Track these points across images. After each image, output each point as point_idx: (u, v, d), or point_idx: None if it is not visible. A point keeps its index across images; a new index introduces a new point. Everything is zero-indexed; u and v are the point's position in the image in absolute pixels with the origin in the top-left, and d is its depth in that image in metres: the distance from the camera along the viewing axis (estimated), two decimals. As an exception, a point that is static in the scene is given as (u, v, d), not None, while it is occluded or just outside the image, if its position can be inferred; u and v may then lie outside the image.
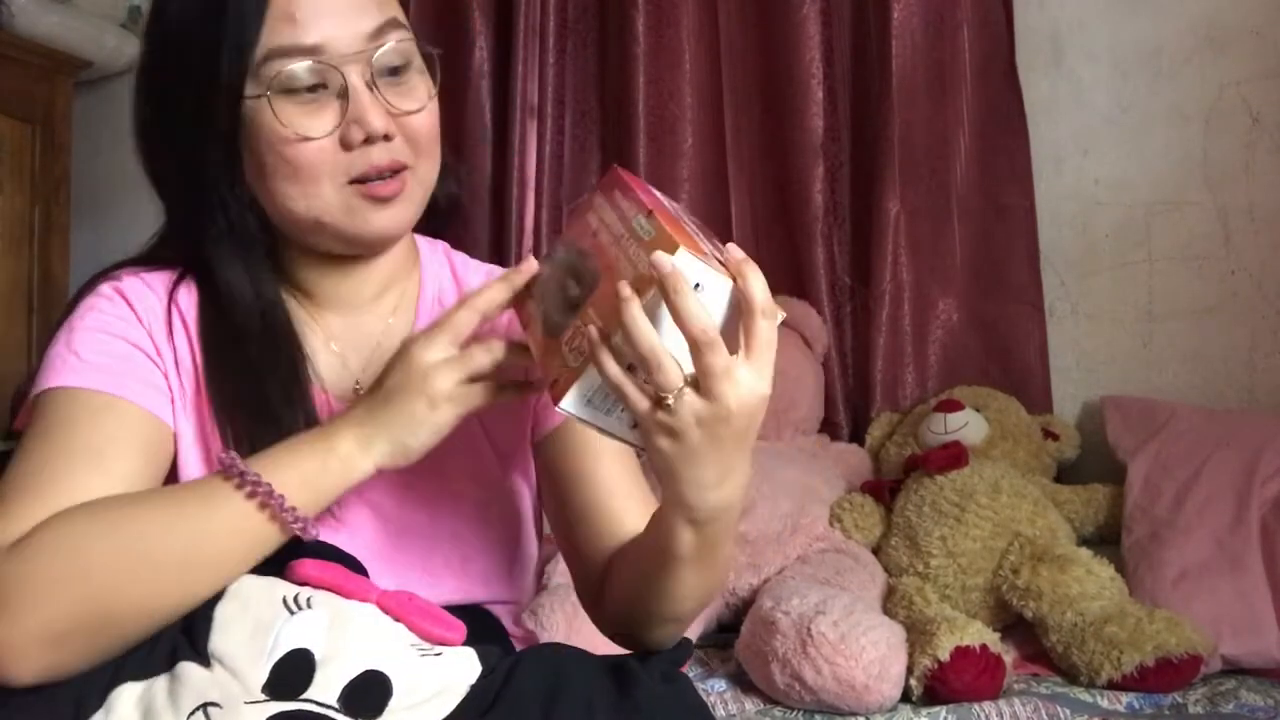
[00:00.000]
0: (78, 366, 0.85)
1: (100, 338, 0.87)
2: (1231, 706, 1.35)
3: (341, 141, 0.86)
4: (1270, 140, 1.95)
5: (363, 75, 0.85)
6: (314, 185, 0.86)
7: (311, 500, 0.78)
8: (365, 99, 0.85)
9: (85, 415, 0.83)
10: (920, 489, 1.76)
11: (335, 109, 0.85)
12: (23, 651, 0.70)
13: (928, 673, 1.36)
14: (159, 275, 0.93)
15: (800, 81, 2.16)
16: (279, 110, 0.84)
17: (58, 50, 2.41)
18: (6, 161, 2.33)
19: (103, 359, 0.86)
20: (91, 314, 0.89)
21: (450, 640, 0.77)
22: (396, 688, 0.72)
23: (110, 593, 0.73)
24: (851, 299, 2.19)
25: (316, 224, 0.88)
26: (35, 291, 2.38)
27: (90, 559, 0.73)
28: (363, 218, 0.88)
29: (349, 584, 0.78)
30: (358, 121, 0.85)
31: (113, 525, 0.75)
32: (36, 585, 0.71)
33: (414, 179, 0.89)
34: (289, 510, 0.76)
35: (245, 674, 0.72)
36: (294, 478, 0.77)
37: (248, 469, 0.76)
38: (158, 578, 0.74)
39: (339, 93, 0.85)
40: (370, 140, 0.86)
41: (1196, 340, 2.00)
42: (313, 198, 0.87)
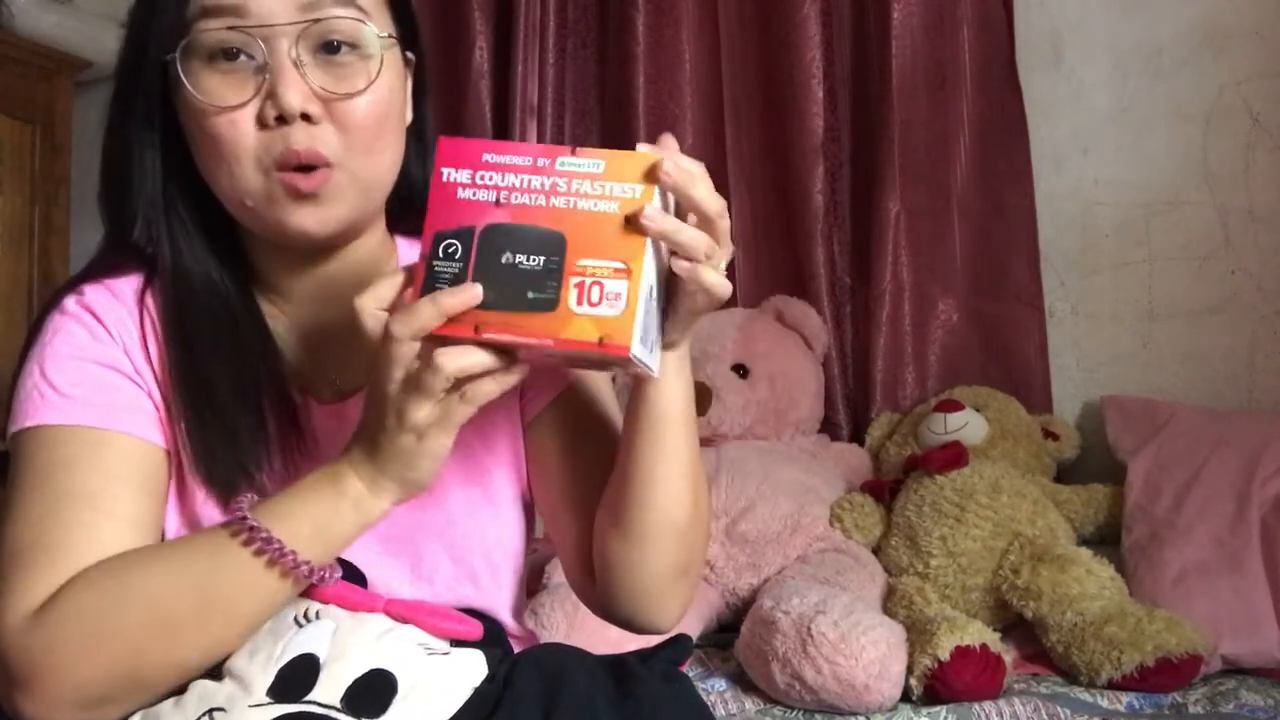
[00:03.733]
0: (58, 402, 0.81)
1: (76, 365, 0.83)
2: (1231, 706, 1.35)
3: (257, 118, 0.80)
4: (1270, 140, 1.95)
5: (289, 49, 0.79)
6: (236, 164, 0.80)
7: (326, 549, 0.76)
8: (285, 74, 0.79)
9: (79, 456, 0.79)
10: (920, 489, 1.76)
11: (255, 81, 0.80)
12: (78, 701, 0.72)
13: (928, 672, 1.36)
14: (125, 281, 0.88)
15: (800, 81, 2.16)
16: (197, 76, 0.80)
17: (58, 50, 2.41)
18: (6, 161, 2.33)
19: (83, 390, 0.82)
20: (61, 337, 0.84)
21: (466, 634, 0.77)
22: (401, 685, 0.72)
23: (136, 656, 0.72)
24: (851, 299, 2.19)
25: (242, 207, 0.83)
26: (35, 291, 2.38)
27: (112, 624, 0.72)
28: (283, 209, 0.81)
29: (355, 595, 0.78)
30: (272, 96, 0.79)
31: (129, 589, 0.74)
32: (66, 654, 0.71)
33: (343, 175, 0.81)
34: (302, 565, 0.74)
35: (251, 681, 0.72)
36: (306, 527, 0.75)
37: (258, 523, 0.74)
38: (179, 637, 0.73)
39: (260, 65, 0.80)
40: (285, 120, 0.79)
41: (1196, 340, 2.00)
42: (236, 178, 0.81)
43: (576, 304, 0.70)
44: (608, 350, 0.70)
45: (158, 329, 0.86)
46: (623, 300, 0.70)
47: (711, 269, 0.75)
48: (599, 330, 0.70)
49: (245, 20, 0.79)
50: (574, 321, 0.70)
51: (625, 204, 0.71)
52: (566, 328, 0.70)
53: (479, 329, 0.70)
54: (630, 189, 0.72)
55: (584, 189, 0.72)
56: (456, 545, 0.90)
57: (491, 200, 0.72)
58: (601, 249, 0.71)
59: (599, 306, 0.70)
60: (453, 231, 0.72)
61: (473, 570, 0.91)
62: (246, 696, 0.71)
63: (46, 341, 0.84)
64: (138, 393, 0.84)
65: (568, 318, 0.70)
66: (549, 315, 0.70)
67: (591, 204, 0.71)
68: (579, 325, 0.70)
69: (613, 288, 0.70)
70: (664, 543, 0.84)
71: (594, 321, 0.70)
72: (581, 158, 0.73)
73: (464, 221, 0.72)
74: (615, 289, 0.70)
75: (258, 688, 0.71)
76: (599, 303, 0.70)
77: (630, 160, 0.72)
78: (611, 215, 0.71)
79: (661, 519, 0.83)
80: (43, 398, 0.81)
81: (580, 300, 0.70)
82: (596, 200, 0.71)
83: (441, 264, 0.72)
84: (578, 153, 0.73)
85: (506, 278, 0.71)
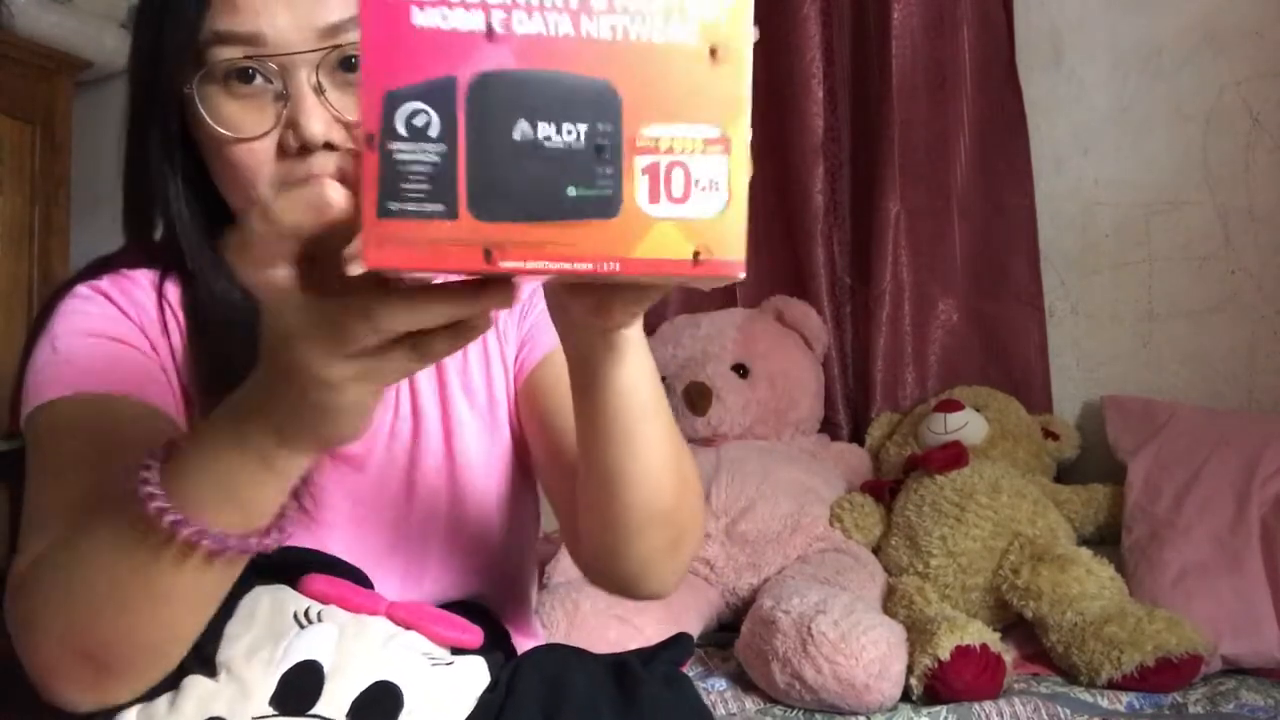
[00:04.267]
0: (69, 374, 0.79)
1: (90, 341, 0.81)
2: (1231, 706, 1.35)
3: (278, 146, 0.77)
4: (1270, 140, 1.95)
5: (309, 76, 0.76)
6: (253, 189, 0.78)
7: (242, 515, 0.61)
8: (305, 102, 0.75)
9: (85, 419, 0.77)
10: (920, 489, 1.76)
11: (275, 109, 0.77)
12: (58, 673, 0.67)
13: (928, 672, 1.36)
14: (142, 272, 0.86)
15: (800, 81, 2.16)
16: (213, 103, 0.77)
17: (58, 50, 2.41)
18: (6, 161, 2.33)
19: (96, 361, 0.79)
20: (75, 317, 0.82)
21: (466, 642, 0.76)
22: (407, 699, 0.71)
23: (94, 631, 0.66)
24: (851, 299, 2.19)
25: None
26: (35, 291, 2.38)
27: (66, 599, 0.67)
28: None
29: (357, 597, 0.76)
30: (293, 126, 0.76)
31: (68, 565, 0.66)
32: (35, 625, 0.68)
33: None
34: (208, 539, 0.61)
35: (252, 685, 0.70)
36: (210, 491, 0.61)
37: (167, 505, 0.60)
38: (128, 617, 0.65)
39: (279, 92, 0.76)
40: (308, 149, 0.76)
41: (1196, 340, 2.00)
42: (252, 201, 0.78)
43: (650, 200, 0.47)
44: (709, 271, 0.47)
45: (179, 319, 0.85)
46: (722, 187, 0.47)
47: None
48: (691, 238, 0.47)
49: (262, 49, 0.76)
50: (651, 230, 0.47)
51: (709, 28, 0.47)
52: (638, 240, 0.47)
53: (491, 255, 0.46)
54: (716, 3, 0.47)
55: (640, 4, 0.46)
56: (460, 536, 0.89)
57: (478, 28, 0.45)
58: (680, 106, 0.47)
59: (686, 202, 0.47)
60: (418, 88, 0.45)
61: (478, 563, 0.90)
62: (247, 704, 0.69)
63: (58, 320, 0.83)
64: (150, 365, 0.82)
65: (638, 224, 0.47)
66: (606, 224, 0.46)
67: (655, 29, 0.46)
68: (659, 235, 0.47)
69: (705, 169, 0.47)
70: (652, 529, 0.79)
71: (681, 227, 0.47)
72: None
73: (434, 68, 0.45)
74: (709, 171, 0.47)
75: (259, 695, 0.70)
76: (685, 196, 0.47)
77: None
78: (688, 49, 0.47)
79: (646, 511, 0.77)
80: (55, 372, 0.79)
81: (655, 194, 0.47)
82: (663, 21, 0.46)
83: (405, 148, 0.45)
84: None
85: (525, 165, 0.46)
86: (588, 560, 0.86)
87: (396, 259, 0.46)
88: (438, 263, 0.46)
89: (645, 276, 0.48)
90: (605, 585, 0.87)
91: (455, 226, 0.46)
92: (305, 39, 0.76)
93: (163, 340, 0.84)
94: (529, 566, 0.98)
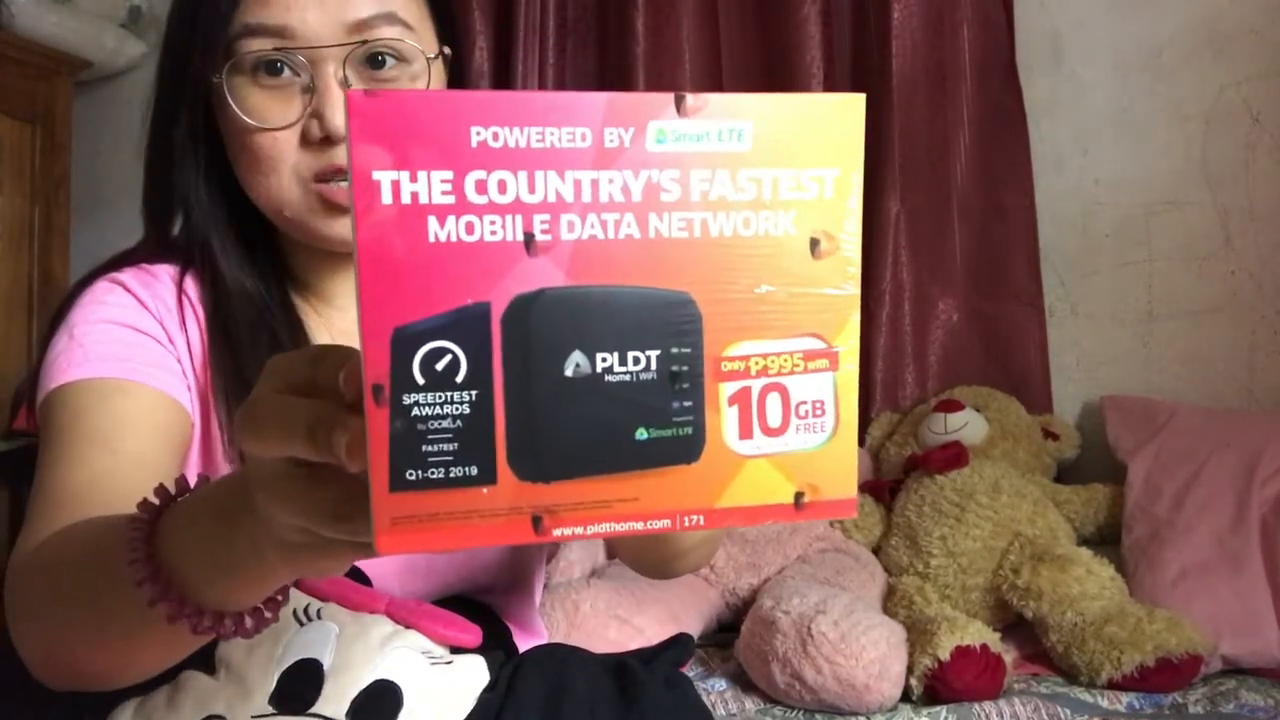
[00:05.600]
0: (82, 359, 0.79)
1: (105, 328, 0.82)
2: (1231, 706, 1.35)
3: (302, 136, 0.79)
4: (1270, 140, 1.95)
5: (335, 71, 0.78)
6: (275, 176, 0.80)
7: (234, 599, 0.55)
8: (331, 94, 0.78)
9: (94, 402, 0.77)
10: (920, 489, 1.76)
11: (302, 100, 0.79)
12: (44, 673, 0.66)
13: (928, 672, 1.36)
14: (163, 267, 0.88)
15: (800, 81, 2.16)
16: (241, 94, 0.79)
17: (58, 50, 2.41)
18: (6, 161, 2.33)
19: (110, 347, 0.80)
20: (93, 307, 0.83)
21: (465, 641, 0.76)
22: (407, 698, 0.71)
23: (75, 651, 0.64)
24: (851, 299, 2.19)
25: (280, 216, 0.83)
26: (35, 291, 2.38)
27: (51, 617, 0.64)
28: (321, 220, 0.81)
29: (356, 594, 0.76)
30: (319, 117, 0.79)
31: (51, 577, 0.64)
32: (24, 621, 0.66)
33: None
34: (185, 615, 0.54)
35: (251, 683, 0.70)
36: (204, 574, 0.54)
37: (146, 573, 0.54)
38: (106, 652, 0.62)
39: (306, 84, 0.79)
40: (332, 140, 0.78)
41: (1196, 340, 2.00)
42: (274, 189, 0.81)
43: (740, 436, 0.37)
44: (814, 515, 0.39)
45: (198, 314, 0.86)
46: (829, 411, 0.38)
47: None
48: (793, 478, 0.38)
49: (291, 41, 0.78)
50: (742, 471, 0.37)
51: (809, 211, 0.37)
52: (726, 485, 0.37)
53: (542, 523, 0.37)
54: (816, 177, 0.37)
55: (721, 189, 0.36)
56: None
57: (516, 238, 0.35)
58: (774, 315, 0.37)
59: (784, 434, 0.38)
60: (439, 322, 0.35)
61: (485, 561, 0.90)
62: (247, 702, 0.69)
63: (77, 312, 0.84)
64: (166, 356, 0.83)
65: (726, 466, 0.37)
66: (686, 469, 0.37)
67: (742, 220, 0.36)
68: (753, 477, 0.37)
69: (807, 391, 0.38)
70: (695, 554, 0.82)
71: (779, 464, 0.38)
72: (702, 119, 0.36)
73: (459, 294, 0.35)
74: (813, 392, 0.38)
75: (258, 693, 0.70)
76: (783, 426, 0.37)
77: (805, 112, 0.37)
78: (784, 242, 0.37)
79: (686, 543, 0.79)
80: (69, 359, 0.80)
81: (747, 427, 0.37)
82: (751, 211, 0.36)
83: (425, 400, 0.36)
84: (689, 107, 0.36)
85: (582, 407, 0.36)
86: (627, 560, 0.87)
87: (417, 542, 0.36)
88: (471, 539, 0.36)
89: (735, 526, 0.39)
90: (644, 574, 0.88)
91: (494, 493, 0.36)
92: (333, 33, 0.78)
93: (180, 334, 0.85)
94: (535, 565, 0.98)
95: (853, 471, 0.39)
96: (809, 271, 0.37)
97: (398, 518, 0.36)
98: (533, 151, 0.35)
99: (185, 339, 0.85)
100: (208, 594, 0.54)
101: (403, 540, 0.36)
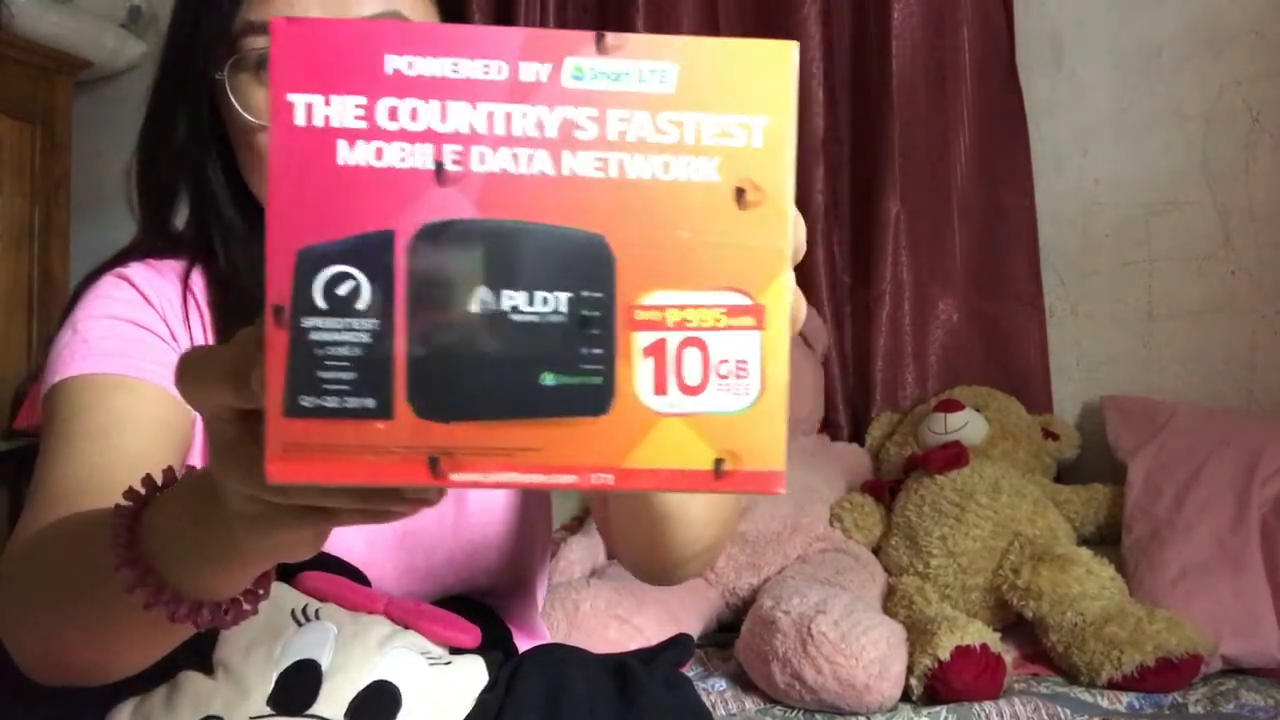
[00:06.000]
0: (85, 354, 0.79)
1: (108, 323, 0.81)
2: (1231, 706, 1.35)
3: None
4: (1270, 140, 1.95)
5: None
6: None
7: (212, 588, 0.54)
8: None
9: (95, 398, 0.77)
10: (920, 489, 1.76)
11: None
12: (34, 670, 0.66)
13: (928, 672, 1.36)
14: (169, 262, 0.87)
15: (800, 81, 2.14)
16: (244, 91, 0.79)
17: (58, 50, 2.41)
18: (6, 161, 2.33)
19: (112, 343, 0.80)
20: (98, 301, 0.83)
21: (463, 642, 0.76)
22: (405, 699, 0.71)
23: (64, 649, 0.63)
24: (851, 299, 2.19)
25: None
26: (35, 291, 2.38)
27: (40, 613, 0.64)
28: None
29: (354, 595, 0.76)
30: None
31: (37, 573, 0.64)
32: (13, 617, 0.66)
33: None
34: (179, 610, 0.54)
35: (249, 684, 0.70)
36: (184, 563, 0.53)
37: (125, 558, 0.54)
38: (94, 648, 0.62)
39: None
40: None
41: (1196, 340, 2.00)
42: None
43: (654, 391, 0.35)
44: (736, 486, 0.36)
45: (201, 310, 0.86)
46: (754, 373, 0.36)
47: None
48: (712, 442, 0.36)
49: None
50: (654, 429, 0.36)
51: (735, 160, 0.35)
52: (637, 443, 0.35)
53: (439, 465, 0.35)
54: (744, 124, 0.35)
55: (639, 129, 0.35)
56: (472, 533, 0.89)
57: (426, 166, 0.35)
58: (694, 265, 0.35)
59: (703, 393, 0.35)
60: (343, 246, 0.35)
61: (488, 563, 0.90)
62: (245, 703, 0.69)
63: (81, 308, 0.84)
64: (169, 352, 0.83)
65: (638, 422, 0.36)
66: (594, 422, 0.35)
67: (661, 163, 0.35)
68: (666, 437, 0.36)
69: (729, 349, 0.36)
70: (695, 563, 0.79)
71: (696, 426, 0.36)
72: (623, 58, 0.35)
73: (365, 219, 0.35)
74: (735, 351, 0.36)
75: (256, 694, 0.69)
76: (702, 385, 0.35)
77: (733, 56, 0.36)
78: (707, 189, 0.35)
79: (689, 551, 0.75)
80: (71, 354, 0.80)
81: (662, 382, 0.35)
82: (672, 152, 0.35)
83: (324, 324, 0.35)
84: (609, 45, 0.35)
85: (486, 345, 0.35)
86: (627, 565, 0.86)
87: (309, 472, 0.35)
88: (365, 475, 0.35)
89: (648, 489, 0.36)
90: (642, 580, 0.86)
91: (391, 429, 0.35)
92: None
93: (184, 330, 0.85)
94: (537, 567, 0.98)
95: (780, 442, 0.36)
96: (733, 222, 0.35)
97: (290, 444, 0.35)
98: (447, 81, 0.34)
99: (189, 335, 0.85)
100: (185, 580, 0.53)
101: (294, 469, 0.35)
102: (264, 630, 0.73)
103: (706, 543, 0.77)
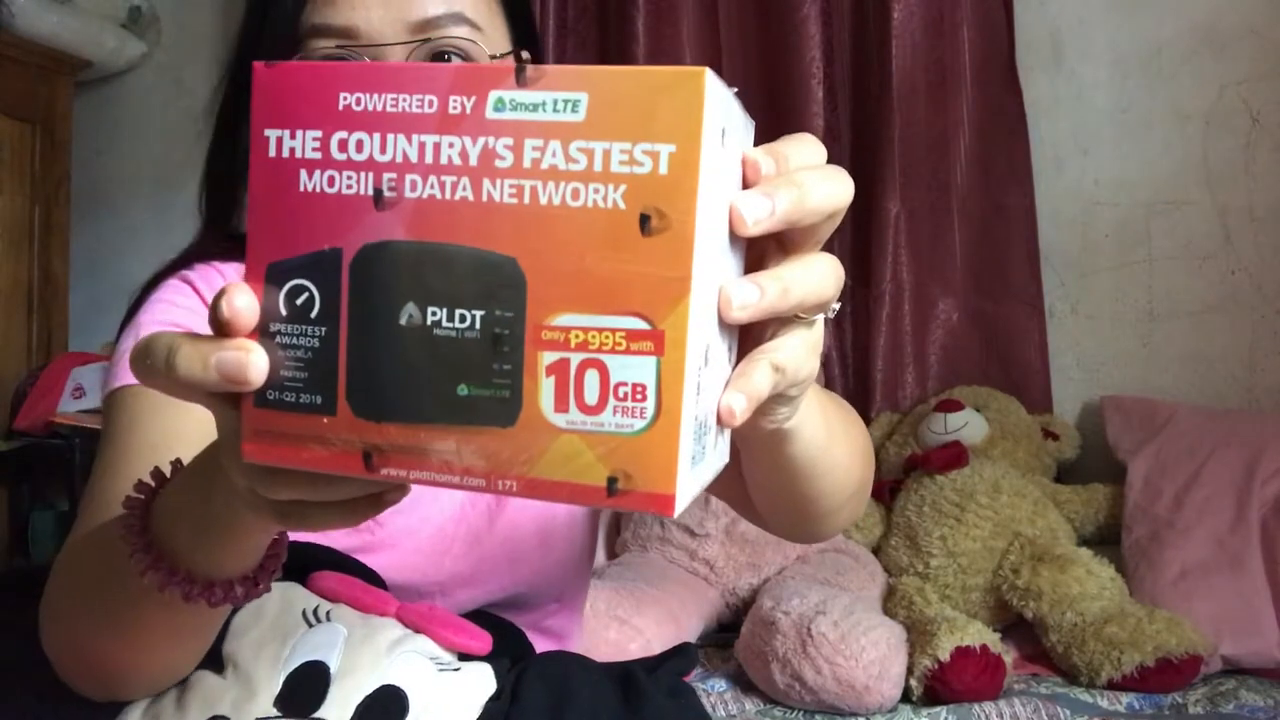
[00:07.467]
0: None
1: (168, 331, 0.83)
2: (1231, 706, 1.35)
3: None
4: (1270, 140, 1.95)
5: None
6: None
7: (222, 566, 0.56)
8: None
9: (147, 412, 0.77)
10: (920, 489, 1.76)
11: None
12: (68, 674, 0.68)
13: (928, 673, 1.36)
14: (231, 266, 0.87)
15: (800, 81, 2.16)
16: None
17: (58, 50, 2.41)
18: (6, 161, 2.33)
19: None
20: (159, 306, 0.84)
21: (474, 648, 0.75)
22: (413, 705, 0.70)
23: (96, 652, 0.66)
24: (851, 299, 2.19)
25: None
26: (35, 291, 2.38)
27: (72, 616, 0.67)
28: None
29: (367, 597, 0.76)
30: None
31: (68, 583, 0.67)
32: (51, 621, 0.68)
33: None
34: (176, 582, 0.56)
35: (257, 684, 0.70)
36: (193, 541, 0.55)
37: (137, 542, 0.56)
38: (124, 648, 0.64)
39: None
40: None
41: (1196, 340, 2.00)
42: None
43: (555, 408, 0.38)
44: (628, 505, 0.38)
45: None
46: (649, 397, 0.37)
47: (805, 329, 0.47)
48: (605, 461, 0.37)
49: (356, 41, 0.78)
50: (555, 444, 0.38)
51: (641, 187, 0.36)
52: (539, 458, 0.38)
53: (372, 459, 0.39)
54: (650, 152, 0.36)
55: (552, 159, 0.37)
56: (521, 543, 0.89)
57: (367, 191, 0.39)
58: (597, 290, 0.37)
59: (600, 413, 0.37)
60: (301, 261, 0.40)
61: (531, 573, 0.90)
62: (252, 704, 0.69)
63: (144, 312, 0.84)
64: None
65: (540, 435, 0.38)
66: (502, 432, 0.38)
67: (570, 191, 0.37)
68: (565, 452, 0.38)
69: (627, 372, 0.37)
70: (843, 511, 0.74)
71: (592, 444, 0.38)
72: (539, 90, 0.37)
73: (319, 239, 0.39)
74: (632, 374, 0.37)
75: (264, 695, 0.69)
76: (600, 405, 0.37)
77: (642, 85, 0.37)
78: (611, 216, 0.37)
79: (837, 500, 0.71)
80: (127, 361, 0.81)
81: (563, 399, 0.38)
82: (580, 183, 0.37)
83: (286, 329, 0.40)
84: (529, 79, 0.37)
85: (411, 355, 0.39)
86: (777, 529, 0.80)
87: (272, 454, 0.41)
88: (313, 462, 0.40)
89: (548, 499, 0.38)
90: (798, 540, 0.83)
91: (333, 424, 0.40)
92: (397, 32, 0.78)
93: None
94: (581, 576, 0.96)
95: (672, 466, 0.37)
96: (637, 249, 0.37)
97: (258, 430, 0.41)
98: (387, 115, 0.39)
99: None
100: (195, 559, 0.55)
101: (262, 451, 0.41)
102: (274, 630, 0.73)
103: (856, 482, 0.73)
